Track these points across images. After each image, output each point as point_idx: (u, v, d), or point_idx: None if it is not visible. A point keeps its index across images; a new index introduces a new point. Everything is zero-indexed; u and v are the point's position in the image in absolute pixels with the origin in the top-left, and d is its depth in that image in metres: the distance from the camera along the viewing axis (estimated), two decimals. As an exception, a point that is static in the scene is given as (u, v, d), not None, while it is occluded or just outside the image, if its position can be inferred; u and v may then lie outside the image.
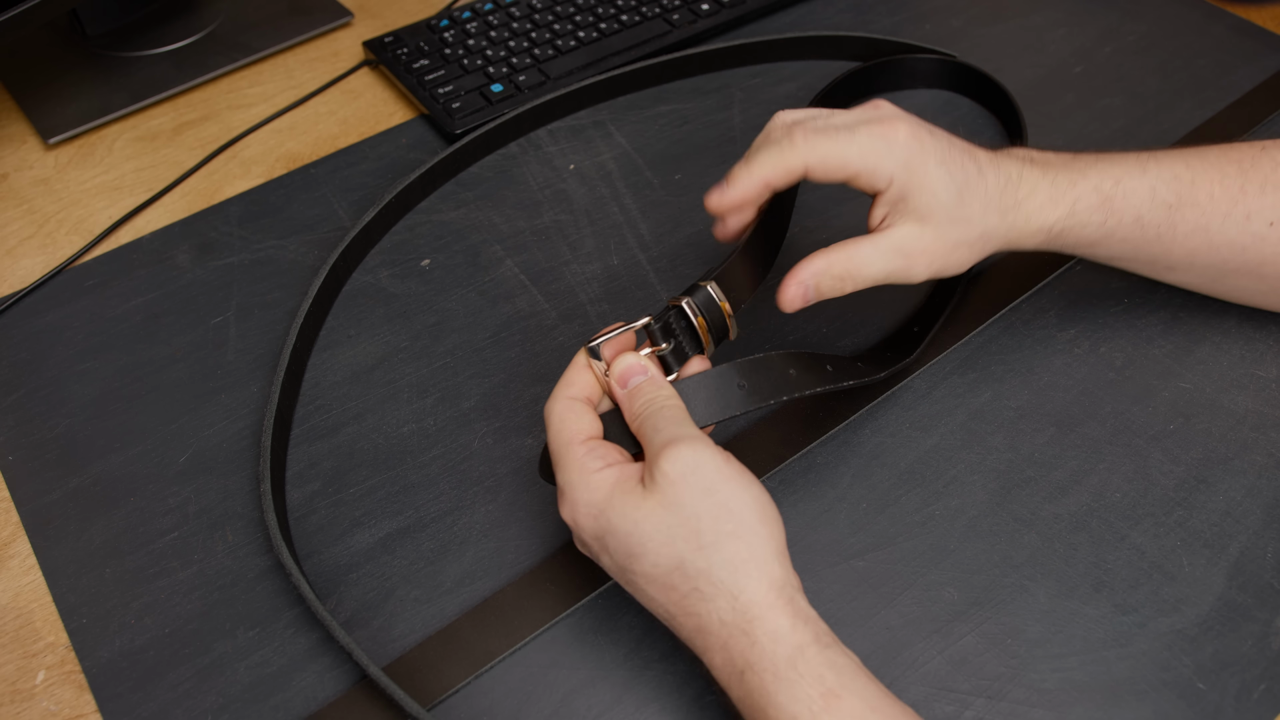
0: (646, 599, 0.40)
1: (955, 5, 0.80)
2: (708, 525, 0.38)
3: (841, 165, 0.45)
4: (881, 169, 0.45)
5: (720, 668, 0.38)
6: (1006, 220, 0.48)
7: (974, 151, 0.48)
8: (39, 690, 0.46)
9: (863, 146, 0.45)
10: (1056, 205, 0.48)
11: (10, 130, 0.72)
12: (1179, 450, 0.52)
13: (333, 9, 0.81)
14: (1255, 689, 0.44)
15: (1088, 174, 0.49)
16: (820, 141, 0.45)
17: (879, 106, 0.47)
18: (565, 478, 0.41)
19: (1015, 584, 0.47)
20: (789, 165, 0.45)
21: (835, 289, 0.46)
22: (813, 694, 0.36)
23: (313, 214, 0.66)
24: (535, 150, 0.70)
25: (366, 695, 0.45)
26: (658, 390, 0.42)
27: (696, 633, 0.39)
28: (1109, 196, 0.49)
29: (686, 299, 0.45)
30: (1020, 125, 0.67)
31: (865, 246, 0.46)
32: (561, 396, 0.43)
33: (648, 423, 0.41)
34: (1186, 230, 0.50)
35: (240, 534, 0.50)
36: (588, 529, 0.40)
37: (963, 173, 0.46)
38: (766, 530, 0.39)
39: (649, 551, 0.39)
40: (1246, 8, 0.78)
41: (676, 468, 0.39)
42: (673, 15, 0.77)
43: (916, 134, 0.46)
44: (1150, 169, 0.49)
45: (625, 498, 0.39)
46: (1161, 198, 0.49)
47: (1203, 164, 0.50)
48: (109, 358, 0.58)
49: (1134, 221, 0.49)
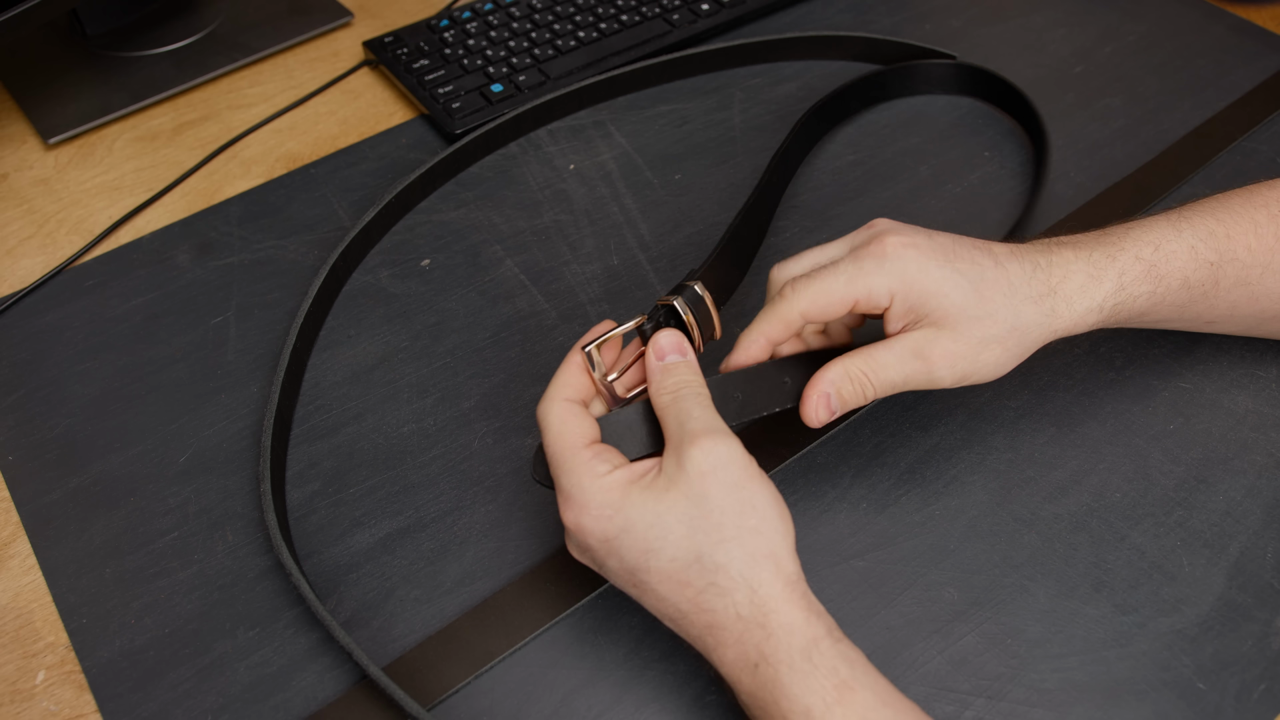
0: (656, 599, 0.40)
1: (955, 5, 0.80)
2: (731, 520, 0.39)
3: (835, 302, 0.44)
4: (876, 290, 0.44)
5: (732, 663, 0.39)
6: (1043, 308, 0.45)
7: (989, 246, 0.46)
8: (39, 690, 0.46)
9: (850, 275, 0.44)
10: (1101, 283, 0.46)
11: (10, 130, 0.72)
12: (1179, 450, 0.52)
13: (333, 9, 0.81)
14: (1255, 689, 0.44)
15: (1124, 245, 0.47)
16: (808, 287, 0.44)
17: (873, 225, 0.46)
18: (572, 481, 0.41)
19: (1015, 584, 0.47)
20: (786, 319, 0.45)
21: (857, 396, 0.45)
22: (826, 685, 0.37)
23: (313, 214, 0.66)
24: (535, 150, 0.70)
25: (366, 695, 0.45)
26: (693, 375, 0.43)
27: (707, 630, 0.39)
28: (1152, 264, 0.47)
29: (677, 298, 0.46)
30: (1040, 126, 0.66)
31: (881, 350, 0.45)
32: (557, 399, 0.43)
33: (679, 404, 0.41)
34: (1229, 285, 0.48)
35: (240, 534, 0.50)
36: (596, 531, 0.40)
37: (975, 268, 0.44)
38: (784, 526, 0.40)
39: (669, 544, 0.39)
40: (1246, 8, 0.78)
41: (709, 460, 0.39)
42: (673, 15, 0.77)
43: (907, 243, 0.44)
44: (1184, 229, 0.48)
45: (644, 493, 0.39)
46: (1203, 256, 0.48)
47: (1231, 216, 0.49)
48: (109, 358, 0.58)
49: (1181, 285, 0.48)
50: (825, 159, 0.68)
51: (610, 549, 0.40)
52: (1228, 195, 0.50)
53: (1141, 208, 0.63)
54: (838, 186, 0.66)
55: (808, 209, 0.64)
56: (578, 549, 0.42)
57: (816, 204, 0.65)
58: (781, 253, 0.62)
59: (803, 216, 0.64)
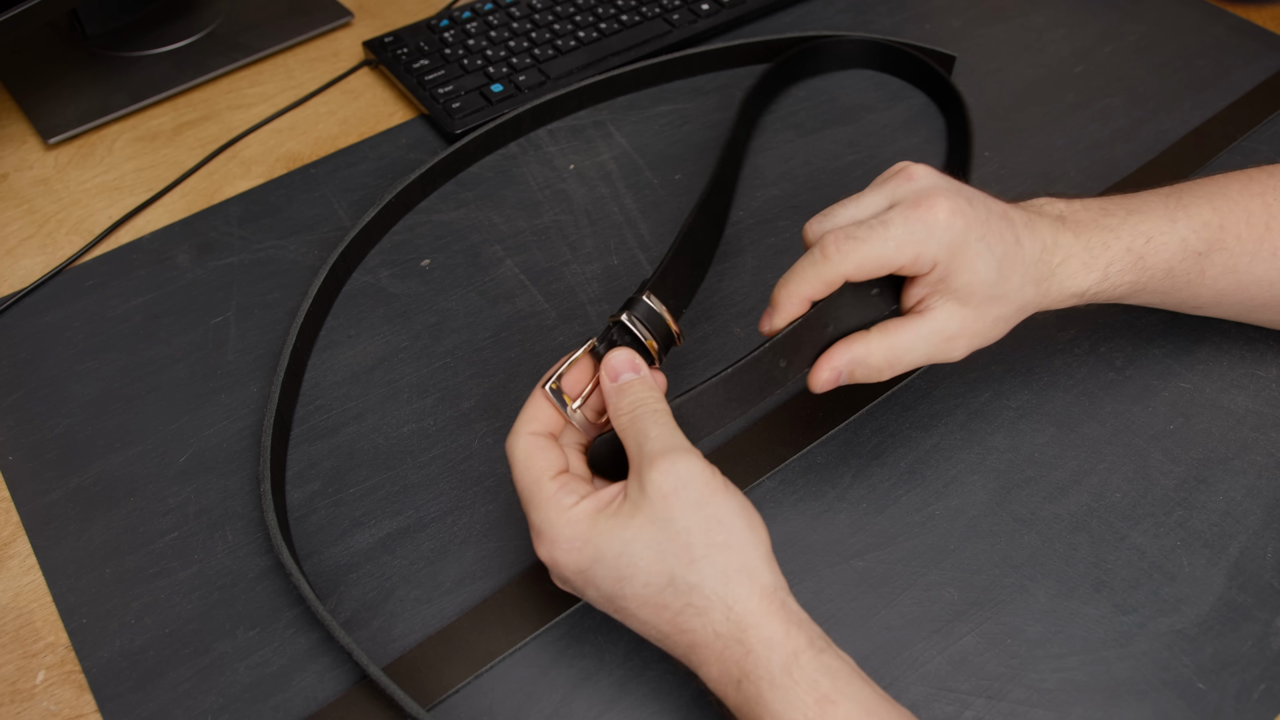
0: (638, 623, 0.40)
1: (955, 5, 0.80)
2: (698, 539, 0.38)
3: (882, 266, 0.43)
4: (925, 256, 0.43)
5: (716, 679, 0.38)
6: (1041, 289, 0.46)
7: (1010, 215, 0.45)
8: (39, 690, 0.46)
9: (900, 240, 0.42)
10: (1090, 271, 0.47)
11: (10, 130, 0.72)
12: (1179, 450, 0.52)
13: (333, 9, 0.81)
14: (1255, 689, 0.44)
15: (1119, 233, 0.47)
16: (854, 249, 0.42)
17: (911, 176, 0.45)
18: (541, 516, 0.40)
19: (1015, 584, 0.47)
20: (828, 280, 0.43)
21: (872, 377, 0.45)
22: (808, 700, 0.36)
23: (313, 214, 0.66)
24: (535, 150, 0.70)
25: (366, 695, 0.45)
26: (648, 391, 0.42)
27: (690, 649, 0.39)
28: (1141, 255, 0.47)
29: (626, 313, 0.45)
30: (960, 104, 0.67)
31: (907, 333, 0.44)
32: (523, 433, 0.42)
33: (636, 424, 0.41)
34: (1215, 274, 0.49)
35: (240, 534, 0.50)
36: (569, 564, 0.40)
37: (1002, 245, 0.44)
38: (755, 536, 0.39)
39: (640, 571, 0.38)
40: (1246, 8, 0.78)
41: (669, 481, 0.38)
42: (673, 15, 0.77)
43: (957, 209, 0.43)
44: (1180, 219, 0.48)
45: (610, 521, 0.39)
46: (1192, 247, 0.48)
47: (1228, 204, 0.49)
48: (109, 358, 0.58)
49: (1165, 274, 0.48)
50: (825, 159, 0.68)
51: (586, 579, 0.40)
52: (1228, 178, 0.50)
53: (1141, 208, 0.63)
54: (838, 186, 0.66)
55: (808, 209, 0.64)
56: (558, 579, 0.42)
57: (816, 204, 0.65)
58: (779, 253, 0.62)
59: (803, 216, 0.64)
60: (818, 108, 0.72)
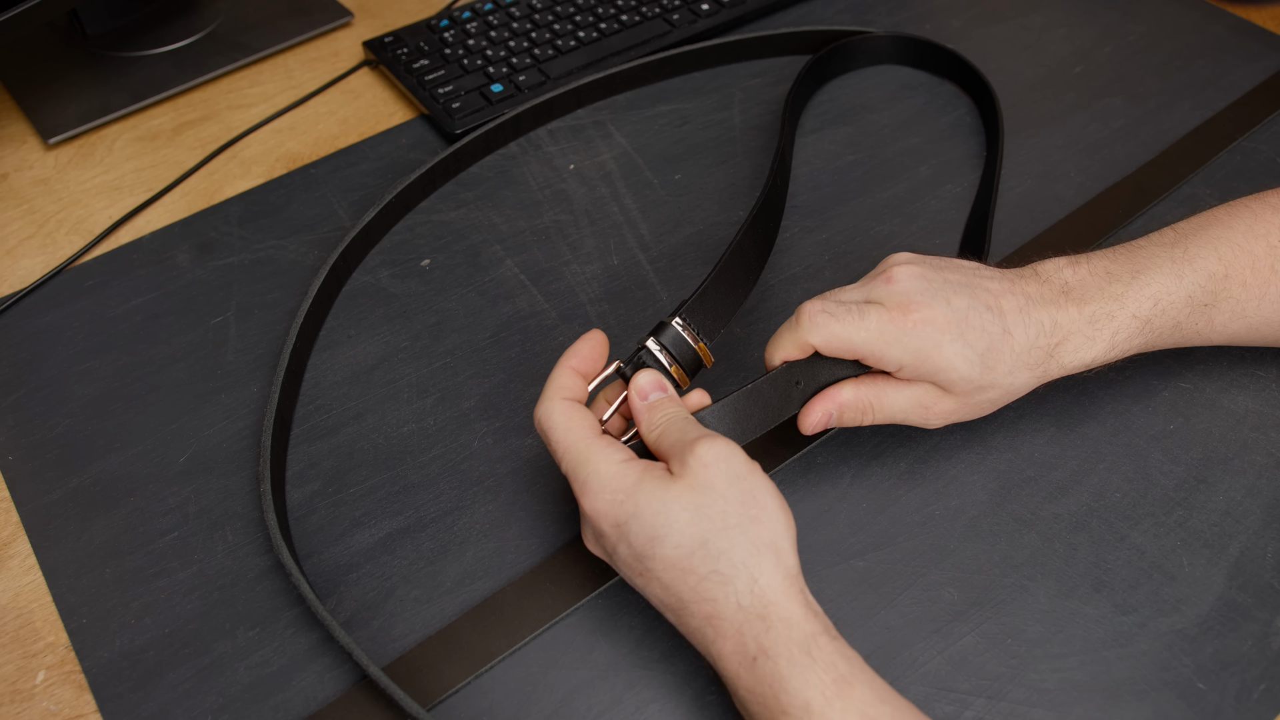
0: (660, 588, 0.41)
1: (955, 5, 0.80)
2: (735, 508, 0.40)
3: (848, 349, 0.45)
4: (888, 357, 0.45)
5: (729, 656, 0.39)
6: (1037, 371, 0.47)
7: (1000, 304, 0.46)
8: (39, 690, 0.46)
9: (869, 334, 0.45)
10: (1094, 344, 0.47)
11: (10, 130, 0.72)
12: (1179, 450, 0.52)
13: (333, 9, 0.81)
14: (1255, 689, 0.44)
15: (1125, 301, 0.47)
16: (826, 324, 0.45)
17: (890, 279, 0.46)
18: (590, 469, 0.42)
19: (1015, 584, 0.47)
20: (800, 344, 0.46)
21: (856, 421, 0.47)
22: (826, 679, 0.37)
23: (313, 214, 0.66)
24: (535, 150, 0.70)
25: (366, 695, 0.45)
26: (676, 406, 0.44)
27: (707, 621, 0.39)
28: (1148, 320, 0.48)
29: (652, 338, 0.46)
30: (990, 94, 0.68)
31: (892, 391, 0.47)
32: (556, 399, 0.44)
33: (671, 431, 0.43)
34: (1224, 320, 0.49)
35: (240, 534, 0.50)
36: (609, 516, 0.41)
37: (985, 339, 0.45)
38: (786, 519, 0.41)
39: (674, 531, 0.39)
40: (1246, 8, 0.78)
41: (711, 453, 0.40)
42: (673, 15, 0.77)
43: (928, 318, 0.45)
44: (1186, 274, 0.48)
45: (655, 481, 0.41)
46: (1198, 301, 0.48)
47: (1233, 251, 0.48)
48: (109, 358, 0.58)
49: (1172, 329, 0.49)
50: (825, 159, 0.68)
51: (620, 534, 0.41)
52: (1233, 215, 0.50)
53: (1141, 208, 0.63)
54: (838, 186, 0.66)
55: (808, 209, 0.64)
56: (593, 536, 0.43)
57: (816, 204, 0.65)
58: (778, 253, 0.62)
59: (803, 216, 0.64)
60: (818, 107, 0.72)
